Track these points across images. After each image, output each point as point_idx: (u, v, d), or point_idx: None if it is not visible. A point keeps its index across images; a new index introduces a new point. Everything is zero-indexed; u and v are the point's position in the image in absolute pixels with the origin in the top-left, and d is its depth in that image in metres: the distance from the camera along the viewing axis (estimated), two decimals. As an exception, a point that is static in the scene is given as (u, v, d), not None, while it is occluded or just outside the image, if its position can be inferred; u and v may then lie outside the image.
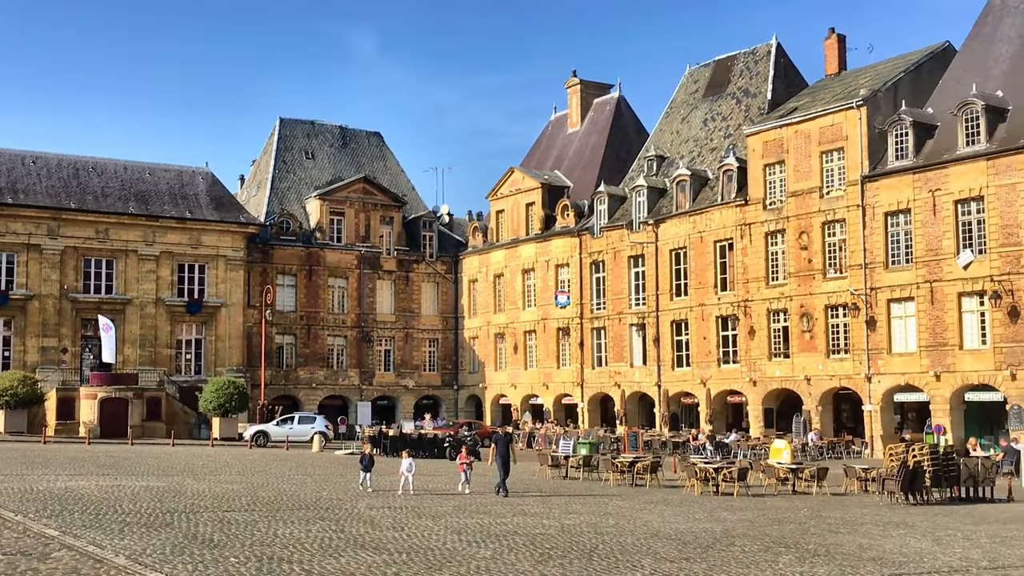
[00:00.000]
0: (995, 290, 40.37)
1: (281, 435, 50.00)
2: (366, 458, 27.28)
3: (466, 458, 27.34)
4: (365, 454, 27.60)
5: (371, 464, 27.17)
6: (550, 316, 61.81)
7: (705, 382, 52.09)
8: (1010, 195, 40.35)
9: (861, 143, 45.78)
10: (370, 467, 27.04)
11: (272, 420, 58.32)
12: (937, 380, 42.49)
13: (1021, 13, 44.75)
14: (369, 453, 27.72)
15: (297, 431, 50.60)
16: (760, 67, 56.75)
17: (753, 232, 50.11)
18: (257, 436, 49.99)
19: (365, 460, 27.23)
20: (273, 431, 50.68)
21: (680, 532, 19.67)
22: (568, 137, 69.30)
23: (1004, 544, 18.98)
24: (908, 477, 26.65)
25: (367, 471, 26.95)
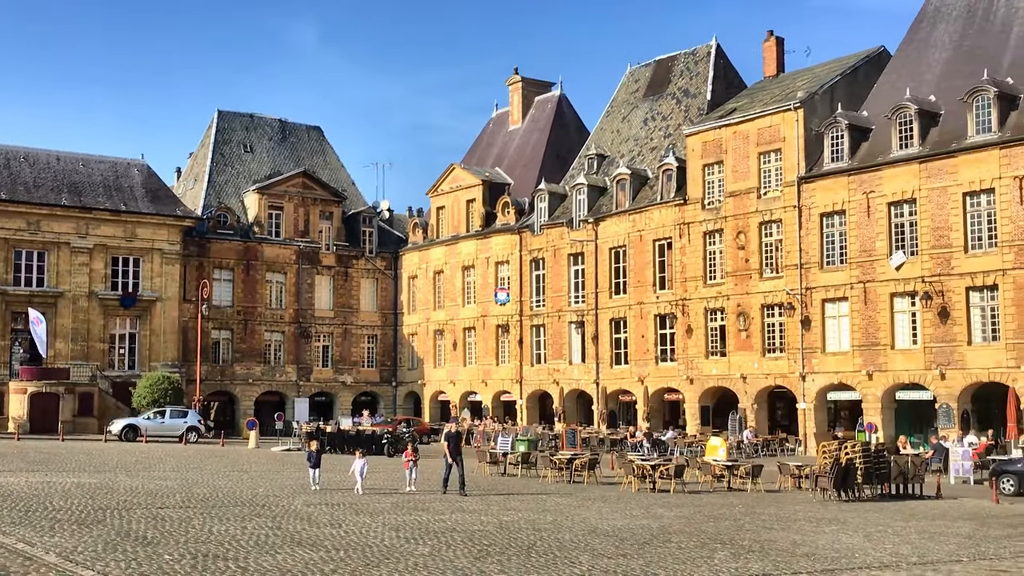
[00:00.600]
0: (926, 291, 41.17)
1: (152, 429, 48.76)
2: (313, 455, 26.80)
3: (411, 455, 26.94)
4: (312, 451, 27.08)
5: (319, 461, 26.73)
6: (490, 313, 61.85)
7: (643, 380, 52.47)
8: (941, 198, 41.17)
9: (798, 145, 46.41)
10: (318, 464, 26.63)
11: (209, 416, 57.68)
12: (869, 379, 43.24)
13: (954, 20, 45.68)
14: (316, 450, 27.21)
15: (168, 425, 49.43)
16: (700, 68, 57.27)
17: (691, 231, 50.58)
18: (126, 430, 48.49)
19: (313, 457, 26.75)
20: (144, 425, 49.10)
21: (617, 528, 19.80)
22: (509, 134, 69.36)
23: (932, 540, 19.37)
24: (840, 474, 27.09)
25: (315, 468, 26.53)
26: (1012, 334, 38.83)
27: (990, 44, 43.33)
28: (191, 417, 50.77)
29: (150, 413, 50.72)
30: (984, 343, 40.05)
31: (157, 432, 48.92)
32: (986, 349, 39.82)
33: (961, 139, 41.00)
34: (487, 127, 72.43)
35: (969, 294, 40.42)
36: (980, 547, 18.51)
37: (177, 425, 49.43)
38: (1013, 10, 43.54)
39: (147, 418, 50.16)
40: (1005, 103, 40.22)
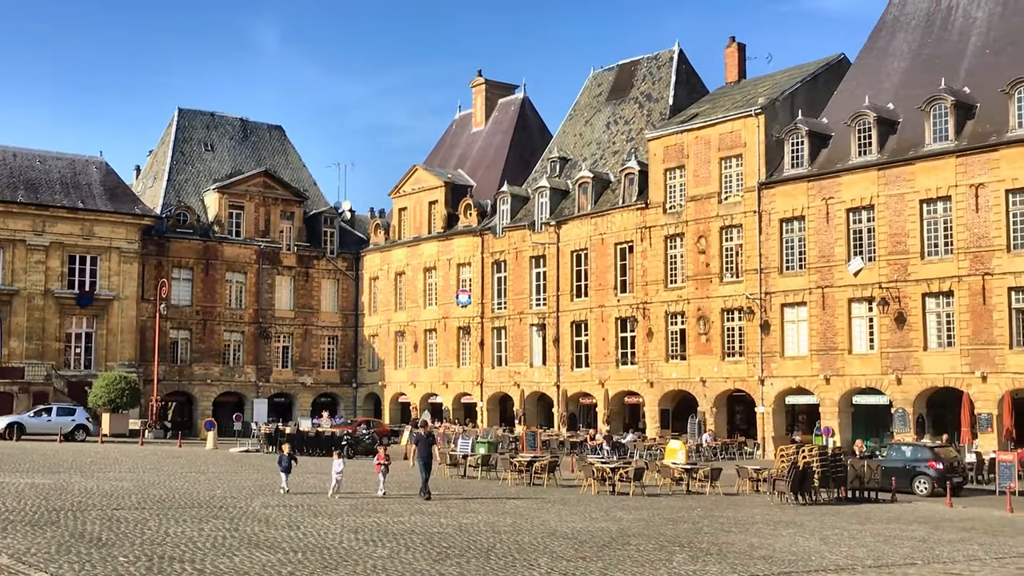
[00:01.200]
0: (883, 297, 41.62)
1: (37, 427, 47.48)
2: (285, 459, 26.06)
3: (383, 459, 26.15)
4: (284, 455, 26.31)
5: (291, 465, 26.10)
6: (451, 315, 61.77)
7: (603, 383, 52.62)
8: (899, 205, 41.65)
9: (759, 150, 46.77)
10: (289, 468, 26.00)
11: (166, 417, 57.13)
12: (827, 383, 43.64)
13: (913, 29, 46.23)
14: (289, 454, 26.46)
15: (55, 423, 48.04)
16: (663, 73, 57.56)
17: (653, 235, 50.81)
18: (9, 428, 46.98)
19: (284, 461, 25.99)
20: (29, 423, 47.75)
21: (577, 531, 19.84)
22: (472, 136, 69.34)
23: (887, 543, 19.58)
24: (798, 478, 27.33)
25: (286, 472, 25.83)
26: (967, 340, 39.34)
27: (948, 53, 43.90)
28: (79, 415, 49.16)
29: (35, 410, 49.21)
30: (939, 349, 40.54)
31: (43, 430, 47.46)
32: (941, 355, 40.32)
33: (919, 147, 41.51)
34: (450, 128, 72.36)
35: (925, 300, 40.92)
36: (934, 550, 18.75)
37: (64, 423, 47.92)
38: (970, 20, 44.15)
39: (32, 415, 48.62)
40: (962, 112, 40.76)
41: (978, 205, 39.25)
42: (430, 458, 26.13)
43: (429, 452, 26.20)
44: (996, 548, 19.25)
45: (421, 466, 25.86)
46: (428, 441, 26.60)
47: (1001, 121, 39.38)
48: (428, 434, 27.23)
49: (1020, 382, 37.95)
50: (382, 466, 26.09)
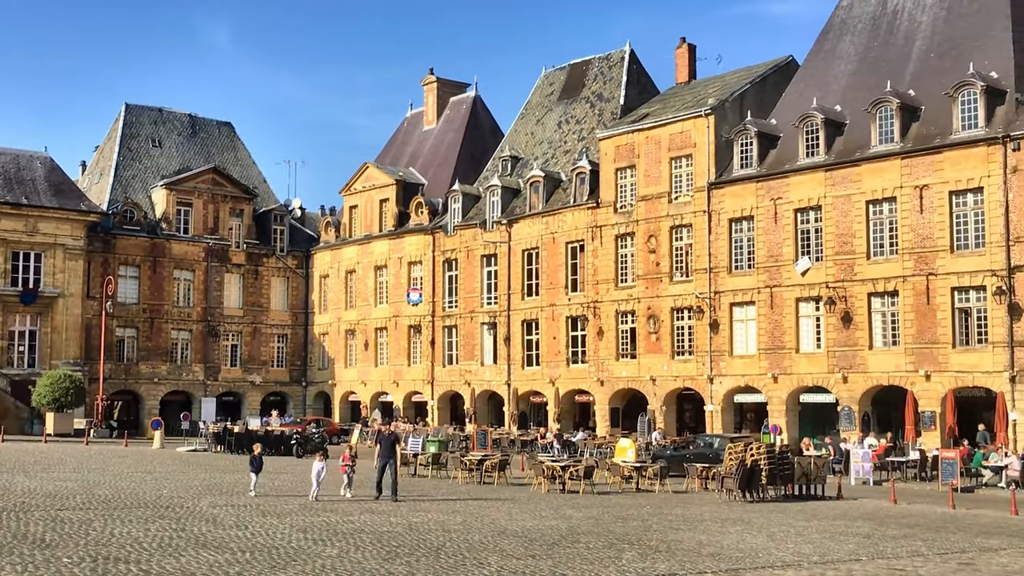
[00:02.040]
0: (830, 296, 42.13)
1: None
2: (256, 459, 25.23)
3: (348, 459, 25.48)
4: (255, 455, 25.46)
5: (261, 466, 25.29)
6: (402, 313, 61.58)
7: (554, 381, 52.75)
8: (846, 205, 42.19)
9: (708, 151, 47.13)
10: (260, 469, 25.15)
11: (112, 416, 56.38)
12: (775, 382, 44.09)
13: (860, 32, 46.84)
14: (259, 454, 25.64)
15: None
16: (614, 73, 57.81)
17: (604, 234, 51.02)
18: None
19: (255, 462, 25.16)
20: None
21: (527, 529, 19.88)
22: (424, 134, 69.17)
23: (833, 539, 19.84)
24: (746, 475, 27.58)
25: (256, 473, 25.03)
26: (911, 339, 39.95)
27: (893, 57, 44.53)
28: None
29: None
30: (885, 348, 41.13)
31: None
32: (886, 354, 40.90)
33: (865, 148, 42.07)
34: (401, 127, 72.13)
35: (871, 300, 41.48)
36: (879, 546, 19.01)
37: None
38: (915, 24, 44.82)
39: None
40: (907, 114, 41.38)
41: (922, 206, 39.87)
42: (394, 458, 25.54)
43: (392, 451, 25.64)
44: (939, 544, 19.57)
45: (381, 466, 25.23)
46: (391, 440, 25.96)
47: (945, 123, 40.02)
48: (391, 433, 26.59)
49: (963, 381, 38.62)
50: (347, 467, 25.44)
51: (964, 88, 39.28)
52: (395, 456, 25.91)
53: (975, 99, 39.07)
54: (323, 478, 24.33)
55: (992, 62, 40.48)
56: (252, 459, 25.42)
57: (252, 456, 25.60)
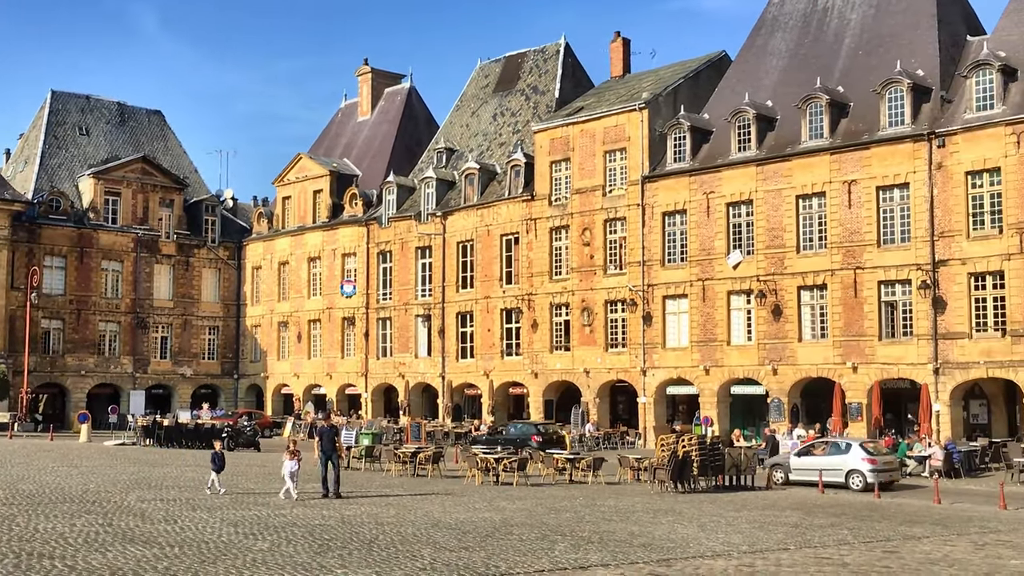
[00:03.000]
0: (761, 289, 42.70)
1: None
2: (218, 457, 24.14)
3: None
4: (217, 452, 24.40)
5: (223, 464, 24.24)
6: (335, 305, 61.16)
7: (488, 373, 52.80)
8: (776, 200, 42.77)
9: (642, 144, 47.46)
10: (222, 467, 24.12)
11: (37, 409, 55.23)
12: (706, 374, 44.58)
13: (791, 29, 47.48)
14: (221, 451, 24.64)
15: None
16: (549, 66, 57.92)
17: (538, 227, 51.14)
18: None
19: (217, 460, 24.05)
20: None
21: (460, 522, 19.87)
22: (358, 126, 68.69)
23: (762, 529, 20.12)
24: (678, 466, 27.87)
25: (218, 471, 23.96)
26: (839, 332, 40.65)
27: (823, 54, 45.21)
28: None
29: None
30: (813, 340, 41.80)
31: None
32: (815, 346, 41.58)
33: (795, 144, 42.68)
34: (336, 117, 71.55)
35: (800, 293, 42.13)
36: (806, 535, 19.33)
37: None
38: (845, 22, 45.54)
39: None
40: (836, 110, 42.05)
41: (851, 201, 40.56)
42: (335, 452, 24.75)
43: (333, 446, 24.81)
44: (864, 532, 19.95)
45: (323, 461, 24.31)
46: (331, 434, 25.07)
47: (873, 120, 40.75)
48: (331, 427, 25.63)
49: (888, 372, 39.41)
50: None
51: (891, 86, 40.02)
52: (337, 451, 25.23)
53: (902, 97, 39.83)
54: (296, 476, 23.26)
55: (919, 60, 41.30)
56: (214, 456, 24.22)
57: (213, 453, 24.42)
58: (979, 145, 37.51)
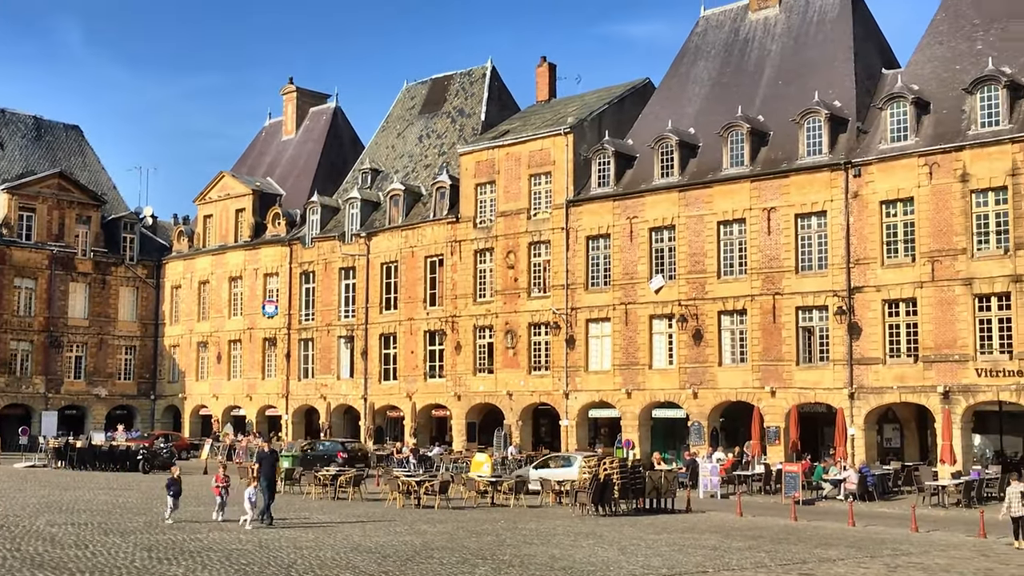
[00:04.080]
0: (682, 314, 43.19)
1: None
2: (175, 483, 23.15)
3: (222, 480, 23.55)
4: (173, 477, 23.43)
5: (180, 490, 23.34)
6: (257, 326, 60.42)
7: (411, 396, 52.55)
8: (698, 225, 43.36)
9: (567, 168, 47.80)
10: (179, 494, 23.24)
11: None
12: (628, 397, 44.90)
13: (713, 58, 48.31)
14: (177, 477, 23.62)
15: None
16: (475, 88, 58.14)
17: (463, 249, 51.17)
18: None
19: (174, 486, 23.08)
20: None
21: (380, 545, 19.71)
22: (283, 145, 68.13)
23: (681, 552, 20.29)
24: (599, 489, 27.99)
25: (175, 498, 23.09)
26: (758, 356, 41.27)
27: (745, 83, 46.07)
28: None
29: None
30: (733, 364, 42.36)
31: None
32: (735, 370, 42.14)
33: (717, 171, 43.36)
34: (260, 136, 70.89)
35: (721, 318, 42.69)
36: (724, 558, 19.54)
37: None
38: (765, 52, 46.48)
39: None
40: (756, 139, 42.83)
41: (770, 228, 41.29)
42: (274, 478, 23.88)
43: (273, 471, 23.91)
44: (781, 555, 20.24)
45: (263, 487, 23.34)
46: (271, 459, 24.16)
47: (792, 149, 41.59)
48: (271, 451, 24.65)
49: (805, 397, 40.08)
50: (221, 488, 23.56)
51: (810, 116, 40.91)
52: (275, 476, 24.29)
53: (820, 127, 40.73)
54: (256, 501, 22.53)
55: (836, 92, 42.29)
56: (169, 483, 23.36)
57: (170, 479, 23.52)
58: (893, 175, 38.48)
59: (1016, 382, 35.09)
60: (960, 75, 38.94)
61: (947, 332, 36.74)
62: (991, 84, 36.84)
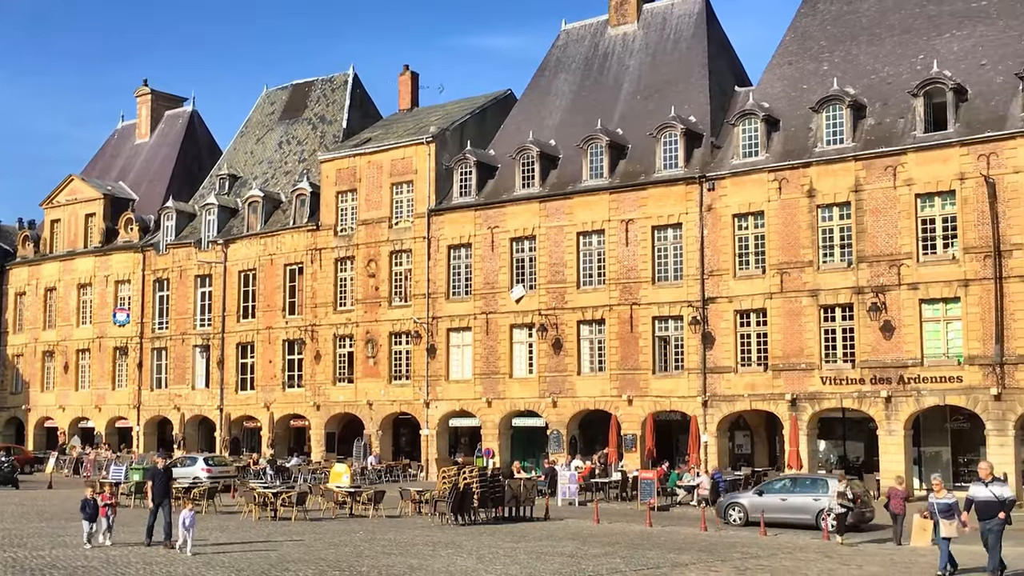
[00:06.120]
0: (542, 323, 43.64)
1: None
2: (90, 504, 21.11)
3: (108, 499, 21.78)
4: (88, 498, 21.32)
5: (96, 512, 21.22)
6: (107, 334, 58.42)
7: (269, 406, 51.63)
8: (558, 236, 43.92)
9: (429, 178, 47.81)
10: (95, 516, 21.19)
11: None
12: (489, 406, 45.08)
13: (573, 71, 49.02)
14: (93, 497, 21.49)
15: None
16: (337, 95, 57.60)
17: (323, 257, 50.59)
18: None
19: (88, 508, 21.07)
20: None
21: (234, 560, 19.30)
22: (136, 148, 66.12)
23: (539, 559, 20.48)
24: (458, 498, 28.01)
25: (91, 521, 21.12)
26: (615, 365, 42.00)
27: (604, 97, 46.91)
28: None
29: None
30: (592, 373, 42.99)
31: None
32: (593, 379, 42.78)
33: (577, 182, 44.00)
34: (112, 139, 68.62)
35: (580, 327, 43.30)
36: (581, 564, 19.80)
37: None
38: (624, 68, 47.43)
39: None
40: (615, 151, 43.66)
41: (628, 239, 42.11)
42: (168, 496, 22.25)
43: (167, 490, 22.28)
44: (636, 560, 20.62)
45: (156, 508, 21.86)
46: (166, 477, 22.54)
47: (649, 162, 42.54)
48: (166, 468, 23.04)
49: (661, 405, 40.98)
50: (107, 507, 21.71)
51: (666, 130, 41.92)
52: (170, 494, 22.77)
53: (676, 141, 41.77)
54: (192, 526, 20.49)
55: (691, 107, 43.45)
56: (84, 504, 21.29)
57: (84, 500, 21.48)
58: (745, 190, 39.74)
59: (858, 390, 36.64)
60: (808, 94, 40.50)
61: (795, 342, 38.10)
62: (836, 104, 38.44)
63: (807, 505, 27.97)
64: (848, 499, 25.40)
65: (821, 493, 27.76)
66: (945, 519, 18.89)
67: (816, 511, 27.46)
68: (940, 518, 18.99)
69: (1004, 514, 18.08)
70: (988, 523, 18.11)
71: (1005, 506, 18.15)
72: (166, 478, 22.43)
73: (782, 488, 29.45)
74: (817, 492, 28.05)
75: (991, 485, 18.32)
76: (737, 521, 29.05)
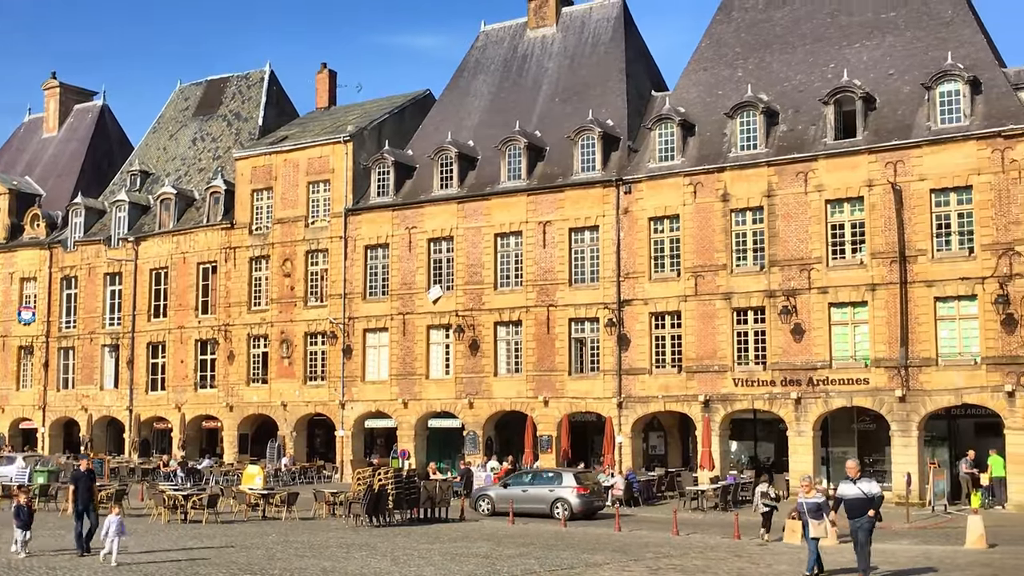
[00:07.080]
0: (459, 324, 43.61)
1: None
2: (24, 511, 20.05)
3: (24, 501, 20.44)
4: (21, 505, 20.24)
5: (31, 519, 20.23)
6: (11, 333, 56.81)
7: (180, 407, 50.74)
8: (476, 237, 43.93)
9: (347, 177, 47.46)
10: (29, 524, 20.14)
11: None
12: (405, 407, 44.90)
13: (492, 72, 49.08)
14: (27, 503, 20.46)
15: None
16: (253, 92, 56.85)
17: (238, 256, 49.89)
18: None
19: (23, 514, 20.01)
20: None
21: (141, 564, 18.92)
22: (43, 142, 64.41)
23: (454, 561, 20.46)
24: (373, 500, 27.86)
25: (25, 529, 20.07)
26: (532, 367, 42.16)
27: (523, 99, 47.06)
28: None
29: None
30: (508, 375, 43.09)
31: None
32: (510, 380, 42.88)
33: (495, 184, 44.07)
34: (17, 132, 66.76)
35: (497, 328, 43.36)
36: (496, 565, 19.83)
37: None
38: (543, 70, 47.65)
39: None
40: (533, 153, 43.83)
41: (545, 241, 42.30)
42: (91, 502, 21.24)
43: (91, 494, 21.32)
44: (550, 561, 20.72)
45: (80, 513, 20.98)
46: (89, 480, 21.51)
47: (567, 165, 42.78)
48: (88, 471, 21.92)
49: (577, 406, 41.24)
50: None
51: (584, 133, 42.21)
52: (94, 499, 21.70)
53: (593, 144, 42.08)
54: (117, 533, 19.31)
55: (609, 111, 43.83)
56: (18, 510, 20.20)
57: (18, 507, 20.36)
58: (661, 193, 40.20)
59: (769, 391, 37.32)
60: (723, 100, 41.12)
61: (708, 344, 38.66)
62: (749, 110, 39.12)
63: (543, 496, 31.07)
64: (771, 498, 25.92)
65: (556, 485, 31.11)
66: (813, 519, 18.78)
67: (551, 501, 30.69)
68: (809, 518, 18.80)
69: (874, 512, 17.85)
70: (858, 521, 17.90)
71: (874, 504, 17.90)
72: (89, 483, 21.52)
73: (524, 481, 32.55)
74: (553, 485, 31.28)
75: (859, 482, 18.05)
76: (486, 511, 31.88)
